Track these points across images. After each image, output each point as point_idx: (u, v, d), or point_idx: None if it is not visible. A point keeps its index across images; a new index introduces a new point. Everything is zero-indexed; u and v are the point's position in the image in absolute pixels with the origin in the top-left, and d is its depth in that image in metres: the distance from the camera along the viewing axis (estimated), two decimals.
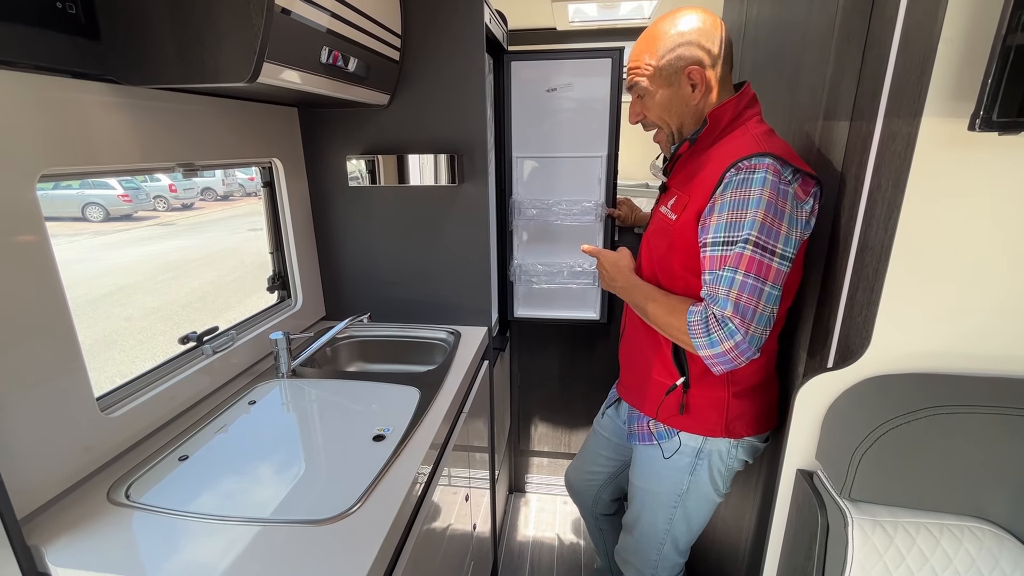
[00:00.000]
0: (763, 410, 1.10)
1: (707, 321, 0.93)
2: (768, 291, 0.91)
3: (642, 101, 1.08)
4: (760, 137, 0.98)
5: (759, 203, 0.90)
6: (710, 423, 1.09)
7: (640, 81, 1.04)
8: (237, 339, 1.29)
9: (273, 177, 1.46)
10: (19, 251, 0.78)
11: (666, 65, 1.01)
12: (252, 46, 0.84)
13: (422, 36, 1.42)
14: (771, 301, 0.92)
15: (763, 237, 0.90)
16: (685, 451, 1.12)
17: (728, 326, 0.91)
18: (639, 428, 1.20)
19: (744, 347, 0.91)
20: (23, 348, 0.79)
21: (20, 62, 0.77)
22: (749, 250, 0.90)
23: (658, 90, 1.04)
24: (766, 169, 0.91)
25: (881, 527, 0.80)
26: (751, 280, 0.90)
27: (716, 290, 0.93)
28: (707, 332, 0.93)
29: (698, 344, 0.95)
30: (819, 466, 0.93)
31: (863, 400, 0.85)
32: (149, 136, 1.00)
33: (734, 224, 0.92)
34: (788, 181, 0.92)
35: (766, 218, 0.90)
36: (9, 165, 0.76)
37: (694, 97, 1.03)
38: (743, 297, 0.91)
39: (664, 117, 1.07)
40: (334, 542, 0.78)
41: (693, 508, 1.17)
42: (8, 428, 0.76)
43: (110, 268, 7.21)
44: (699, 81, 1.01)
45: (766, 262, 0.90)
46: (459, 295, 1.63)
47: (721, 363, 0.94)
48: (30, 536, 0.77)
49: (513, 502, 2.34)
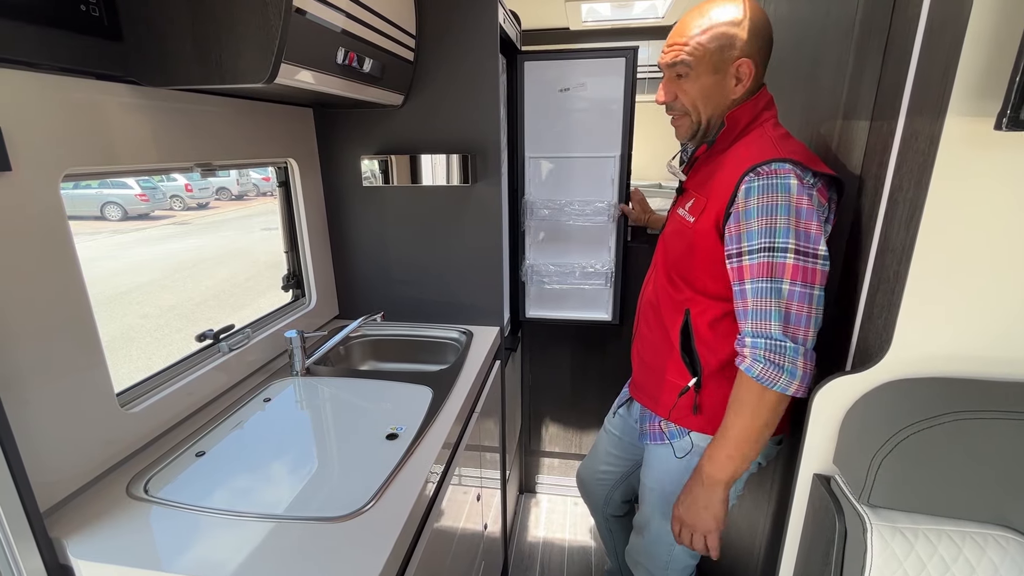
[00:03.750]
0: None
1: (769, 360, 0.91)
2: (817, 295, 0.91)
3: (679, 82, 1.01)
4: (778, 141, 0.97)
5: (789, 209, 0.89)
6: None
7: (686, 59, 0.98)
8: (252, 337, 1.30)
9: (288, 177, 1.47)
10: (43, 249, 0.80)
11: (717, 50, 0.96)
12: (270, 47, 0.85)
13: (436, 36, 1.42)
14: (820, 304, 0.92)
15: (802, 243, 0.89)
16: (697, 452, 1.11)
17: (788, 345, 0.90)
18: (651, 427, 1.19)
19: (811, 355, 0.91)
20: (46, 344, 0.81)
21: (45, 64, 0.79)
22: (791, 258, 0.89)
23: (702, 75, 0.98)
24: (789, 174, 0.90)
25: (901, 534, 0.78)
26: (799, 287, 0.90)
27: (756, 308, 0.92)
28: (780, 369, 0.90)
29: (783, 386, 0.91)
30: (836, 470, 0.92)
31: (883, 404, 0.84)
32: (168, 136, 1.02)
33: (769, 231, 0.90)
34: (811, 185, 0.91)
35: (799, 223, 0.89)
36: (34, 164, 0.78)
37: (735, 92, 0.99)
38: (793, 306, 0.90)
39: (699, 105, 1.02)
40: (347, 540, 0.78)
41: None
42: (31, 422, 0.78)
43: (127, 266, 7.33)
44: (746, 76, 0.97)
45: (810, 267, 0.90)
46: (471, 295, 1.63)
47: (806, 383, 0.91)
48: (52, 529, 0.78)
49: (523, 502, 2.33)
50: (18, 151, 0.75)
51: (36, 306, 0.79)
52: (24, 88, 0.76)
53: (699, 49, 0.97)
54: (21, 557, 0.72)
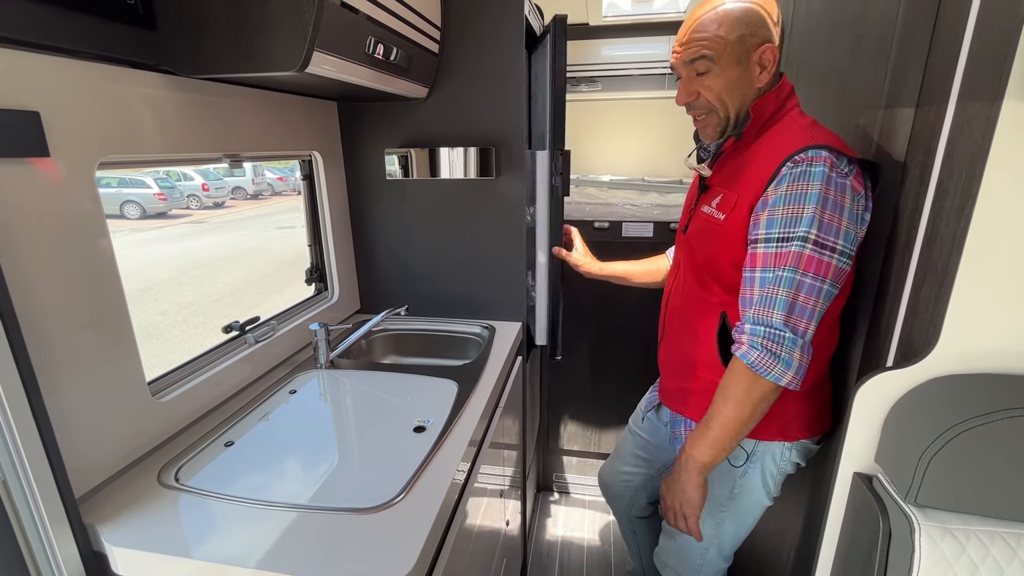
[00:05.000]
0: (819, 411, 1.06)
1: (766, 348, 0.89)
2: (827, 289, 0.89)
3: (700, 79, 0.98)
4: (808, 128, 0.95)
5: (817, 199, 0.87)
6: (764, 425, 1.03)
7: (708, 53, 0.94)
8: (277, 329, 1.30)
9: (313, 170, 1.47)
10: (80, 236, 0.80)
11: (738, 41, 0.93)
12: (303, 35, 0.84)
13: (461, 28, 1.41)
14: (829, 299, 0.90)
15: (822, 235, 0.87)
16: (737, 454, 1.08)
17: (787, 336, 0.88)
18: (686, 432, 1.15)
19: (808, 348, 0.89)
20: (82, 331, 0.81)
21: (83, 51, 0.79)
22: (808, 249, 0.87)
23: (726, 68, 0.95)
24: (823, 163, 0.87)
25: (951, 535, 0.75)
26: (808, 279, 0.88)
27: (763, 295, 0.90)
28: (776, 358, 0.89)
29: (776, 375, 0.89)
30: (879, 469, 0.89)
31: (931, 401, 0.81)
32: (198, 127, 1.02)
33: (791, 220, 0.88)
34: (844, 173, 0.88)
35: (823, 214, 0.87)
36: (71, 152, 0.78)
37: (760, 80, 0.97)
38: (800, 296, 0.88)
39: (725, 99, 0.98)
40: (379, 531, 0.77)
41: (742, 513, 1.13)
42: (67, 410, 0.78)
43: (146, 264, 7.45)
44: (770, 62, 0.94)
45: (825, 259, 0.87)
46: (494, 289, 1.62)
47: (799, 375, 0.90)
48: (86, 515, 0.78)
49: (542, 501, 2.32)
50: (56, 138, 0.75)
51: (73, 293, 0.79)
52: (62, 75, 0.76)
53: (719, 42, 0.93)
54: (57, 543, 0.72)
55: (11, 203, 0.70)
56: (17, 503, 0.70)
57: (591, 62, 2.47)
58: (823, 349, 1.04)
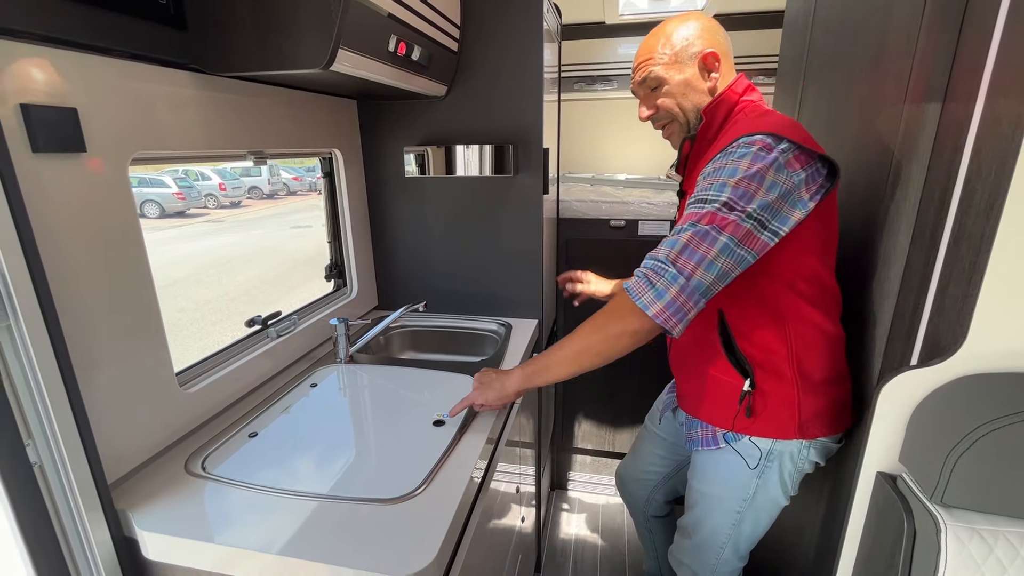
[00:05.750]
0: (838, 408, 1.05)
1: (647, 275, 0.91)
2: (725, 242, 0.88)
3: (654, 94, 1.08)
4: (756, 119, 0.98)
5: (736, 169, 0.90)
6: (781, 424, 1.03)
7: (654, 70, 1.05)
8: (298, 324, 1.33)
9: (333, 168, 1.49)
10: (114, 230, 0.82)
11: (682, 51, 1.03)
12: (329, 33, 0.86)
13: (480, 27, 1.42)
14: (728, 254, 0.88)
15: (733, 198, 0.89)
16: (753, 453, 1.07)
17: (669, 271, 0.89)
18: (702, 433, 1.15)
19: (691, 291, 0.88)
20: (115, 322, 0.83)
21: (117, 49, 0.81)
22: (716, 207, 0.90)
23: (674, 76, 1.04)
24: (755, 144, 0.90)
25: (979, 535, 0.74)
26: (707, 229, 0.89)
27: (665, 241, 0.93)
28: (650, 284, 0.90)
29: (645, 302, 0.90)
30: (904, 469, 0.88)
31: (958, 399, 0.80)
32: (224, 124, 1.04)
33: (710, 186, 0.92)
34: (779, 150, 0.89)
35: (740, 182, 0.89)
36: (107, 147, 0.80)
37: (710, 81, 1.04)
38: (694, 241, 0.89)
39: (681, 103, 1.06)
40: (401, 521, 0.78)
41: (759, 512, 1.12)
42: (100, 399, 0.80)
43: (165, 262, 7.59)
44: (714, 66, 1.03)
45: (730, 218, 0.88)
46: (510, 287, 1.63)
47: (674, 314, 0.89)
48: (118, 501, 0.80)
49: (555, 499, 2.32)
50: (91, 134, 0.77)
51: (107, 285, 0.82)
52: (97, 73, 0.78)
53: (663, 56, 1.04)
54: (91, 527, 0.74)
55: (51, 196, 0.72)
56: (53, 488, 0.72)
57: (607, 60, 2.47)
58: (835, 343, 1.04)
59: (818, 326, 1.01)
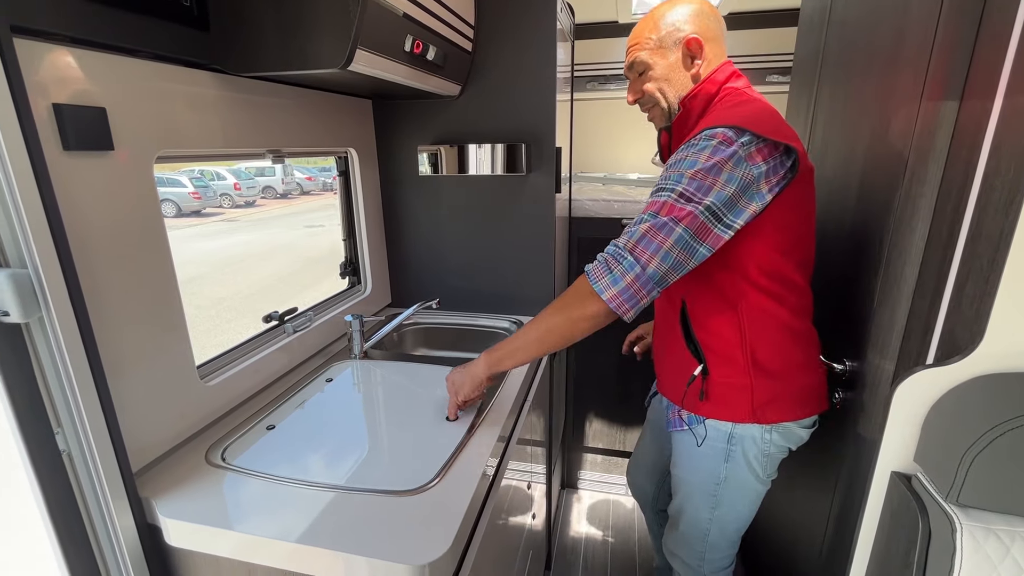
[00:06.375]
0: (799, 395, 1.07)
1: (606, 261, 0.94)
2: (680, 234, 0.89)
3: (641, 79, 1.08)
4: (728, 109, 0.99)
5: (696, 161, 0.91)
6: (735, 409, 1.06)
7: (640, 55, 1.06)
8: (314, 320, 1.35)
9: (348, 167, 1.51)
10: (140, 227, 0.85)
11: (667, 36, 1.04)
12: (347, 33, 0.88)
13: (494, 27, 1.43)
14: (682, 246, 0.90)
15: (690, 190, 0.90)
16: (717, 438, 1.10)
17: (627, 259, 0.91)
18: (672, 415, 1.19)
19: (645, 280, 0.90)
20: (140, 316, 0.86)
21: (143, 50, 0.83)
22: (673, 197, 0.91)
23: (658, 61, 1.05)
24: (716, 137, 0.91)
25: (995, 536, 0.74)
26: (664, 220, 0.90)
27: (626, 231, 0.94)
28: (608, 270, 0.92)
29: (601, 287, 0.92)
30: (919, 468, 0.87)
31: (975, 398, 0.79)
32: (244, 124, 1.07)
33: (668, 176, 0.94)
34: (742, 144, 0.90)
35: (698, 173, 0.90)
36: (133, 145, 0.83)
37: (693, 68, 1.04)
38: (651, 231, 0.91)
39: (664, 89, 1.07)
40: (414, 513, 0.80)
41: (735, 497, 1.14)
42: (126, 390, 0.83)
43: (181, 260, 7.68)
44: (698, 51, 1.03)
45: (687, 209, 0.90)
46: (523, 285, 1.63)
47: (627, 300, 0.91)
48: (142, 489, 0.83)
49: (566, 498, 2.32)
50: (118, 132, 0.80)
51: (133, 280, 0.84)
52: (123, 73, 0.81)
53: (649, 42, 1.05)
54: (116, 514, 0.76)
55: (80, 193, 0.75)
56: (81, 475, 0.74)
57: (620, 60, 2.47)
58: (796, 335, 1.05)
59: (776, 318, 1.03)
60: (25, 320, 0.65)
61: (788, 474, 1.23)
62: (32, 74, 0.67)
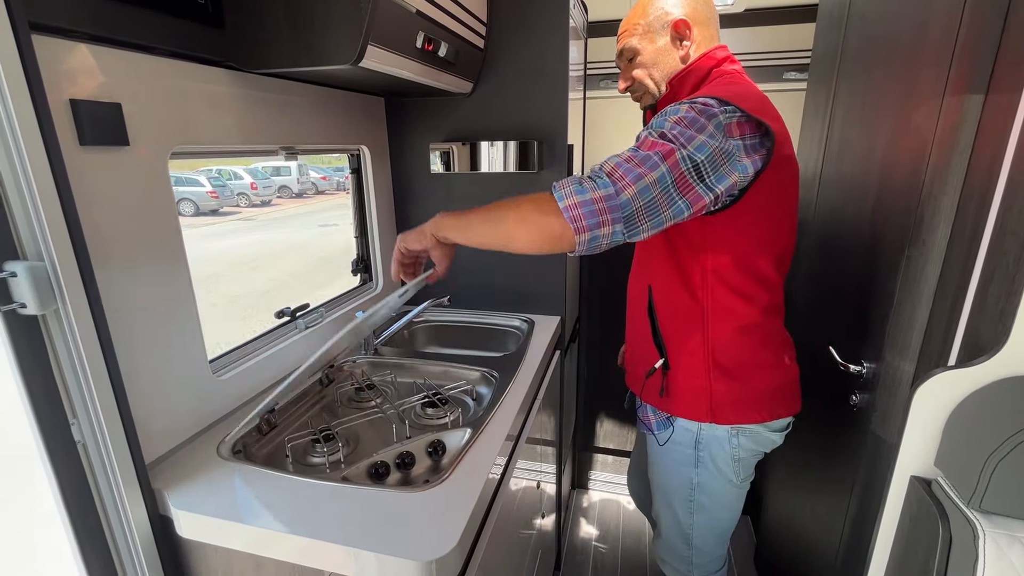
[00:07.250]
0: (765, 397, 1.04)
1: (579, 179, 0.86)
2: (664, 172, 0.83)
3: (632, 65, 1.07)
4: (721, 85, 0.97)
5: (677, 111, 0.89)
6: (693, 406, 1.05)
7: (629, 41, 1.05)
8: (326, 316, 1.36)
9: (360, 164, 1.52)
10: (155, 222, 0.86)
11: (655, 20, 1.03)
12: (359, 29, 0.88)
13: (506, 24, 1.43)
14: (663, 188, 0.83)
15: (674, 132, 0.86)
16: (684, 441, 1.09)
17: (602, 178, 0.84)
18: (642, 416, 1.18)
19: (615, 205, 0.82)
20: (155, 310, 0.87)
21: (158, 47, 0.84)
22: (654, 136, 0.88)
23: (646, 46, 1.04)
24: (697, 103, 0.89)
25: (1020, 543, 0.71)
26: (648, 153, 0.85)
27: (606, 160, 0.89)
28: (578, 183, 0.85)
29: (562, 194, 0.84)
30: (939, 473, 0.85)
31: (999, 401, 0.77)
32: (258, 120, 1.07)
33: (652, 124, 0.91)
34: (724, 111, 0.88)
35: (681, 121, 0.87)
36: (148, 141, 0.84)
37: (682, 49, 1.03)
38: (634, 160, 0.85)
39: (652, 73, 1.06)
40: (422, 509, 0.79)
41: (712, 501, 1.13)
42: (139, 383, 0.84)
43: (198, 258, 7.81)
44: (686, 34, 1.02)
45: (671, 147, 0.85)
46: (534, 283, 1.63)
47: (587, 216, 0.82)
48: (154, 480, 0.84)
49: (575, 498, 2.31)
50: (134, 128, 0.81)
51: (147, 274, 0.85)
52: (139, 70, 0.82)
53: (638, 27, 1.05)
54: (129, 504, 0.77)
55: (96, 187, 0.76)
56: (95, 466, 0.75)
57: None
58: (762, 335, 1.03)
59: (742, 317, 1.01)
60: (42, 312, 0.66)
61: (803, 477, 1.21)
62: (50, 70, 0.68)
